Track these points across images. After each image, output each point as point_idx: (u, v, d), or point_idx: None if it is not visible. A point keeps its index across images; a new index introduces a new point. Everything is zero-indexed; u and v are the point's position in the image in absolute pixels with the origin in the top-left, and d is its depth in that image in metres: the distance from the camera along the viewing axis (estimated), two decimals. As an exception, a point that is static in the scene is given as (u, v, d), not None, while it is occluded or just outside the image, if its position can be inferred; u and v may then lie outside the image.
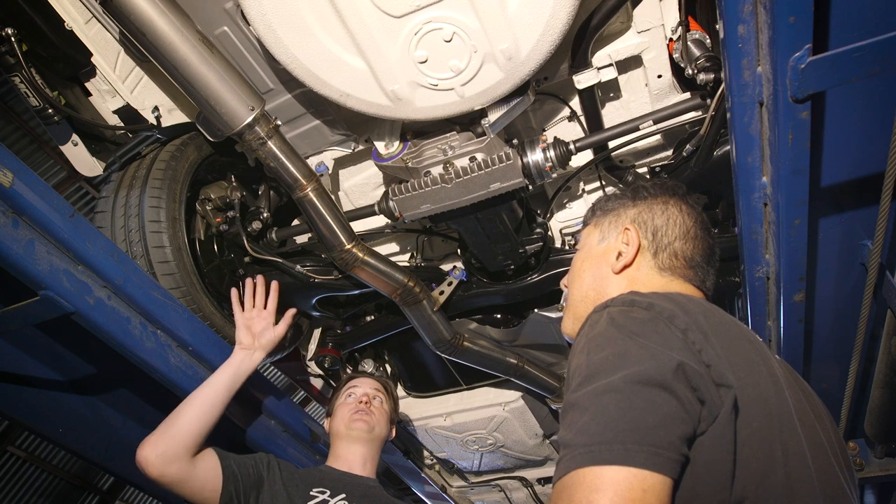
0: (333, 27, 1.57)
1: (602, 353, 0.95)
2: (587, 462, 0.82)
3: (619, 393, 0.87)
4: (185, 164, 2.19)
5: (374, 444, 2.21)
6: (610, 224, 1.36)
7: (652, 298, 1.05)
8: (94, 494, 9.57)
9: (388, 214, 2.12)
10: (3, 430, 8.07)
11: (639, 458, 0.81)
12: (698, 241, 1.29)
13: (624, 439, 0.82)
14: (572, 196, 2.54)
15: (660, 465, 0.81)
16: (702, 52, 1.79)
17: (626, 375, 0.88)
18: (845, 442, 2.49)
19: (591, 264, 1.34)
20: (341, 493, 1.96)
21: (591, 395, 0.89)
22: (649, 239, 1.28)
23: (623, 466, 0.80)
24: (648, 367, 0.89)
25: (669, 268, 1.26)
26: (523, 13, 1.50)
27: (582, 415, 0.88)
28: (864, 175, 1.62)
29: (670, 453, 0.83)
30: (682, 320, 0.98)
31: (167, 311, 1.88)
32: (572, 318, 1.34)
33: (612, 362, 0.92)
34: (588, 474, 0.81)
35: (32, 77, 1.84)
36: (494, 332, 2.77)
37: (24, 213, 1.50)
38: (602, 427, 0.85)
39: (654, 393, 0.86)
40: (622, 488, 0.79)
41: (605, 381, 0.89)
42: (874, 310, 1.85)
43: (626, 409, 0.85)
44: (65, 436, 2.23)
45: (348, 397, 2.29)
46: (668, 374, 0.88)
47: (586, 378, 0.93)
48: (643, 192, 1.36)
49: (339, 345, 2.93)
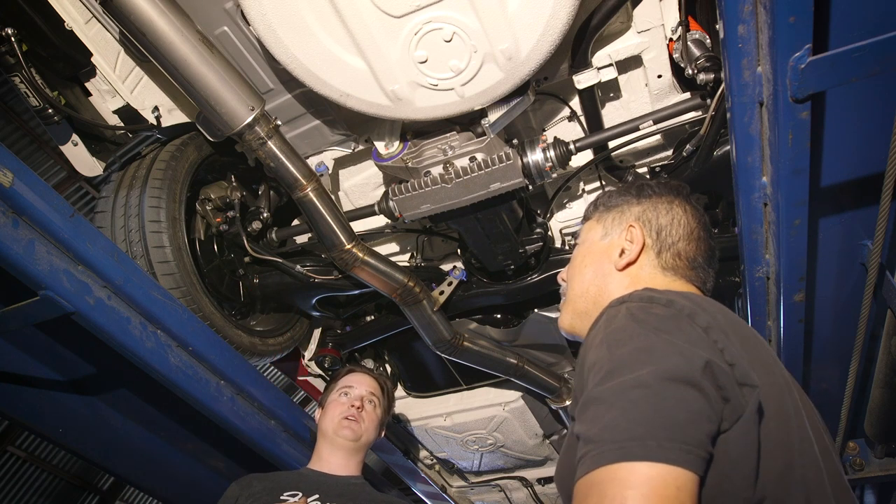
0: (333, 27, 1.57)
1: (625, 348, 0.93)
2: (618, 458, 0.80)
3: (648, 388, 0.85)
4: (185, 164, 2.19)
5: (359, 451, 2.18)
6: (613, 220, 1.34)
7: (670, 296, 1.03)
8: (94, 494, 9.57)
9: (388, 214, 2.12)
10: (3, 430, 8.06)
11: (671, 455, 0.79)
12: (701, 243, 1.29)
13: (656, 436, 0.81)
14: (572, 196, 2.54)
15: (691, 462, 0.80)
16: (702, 52, 1.79)
17: (655, 371, 0.87)
18: (845, 442, 2.50)
19: (592, 259, 1.32)
20: (315, 493, 1.95)
21: (618, 389, 0.87)
22: (653, 238, 1.27)
23: (656, 463, 0.79)
24: (678, 363, 0.88)
25: (672, 267, 1.25)
26: (523, 13, 1.50)
27: (608, 410, 0.86)
28: (864, 175, 1.62)
29: (700, 451, 0.82)
30: (703, 318, 0.97)
31: (167, 311, 1.88)
32: (571, 313, 1.32)
33: (638, 357, 0.90)
34: (620, 470, 0.79)
35: (32, 77, 1.84)
36: (494, 332, 2.77)
37: (24, 213, 1.50)
38: (632, 423, 0.83)
39: (684, 390, 0.85)
40: (657, 485, 0.77)
41: (633, 376, 0.88)
42: (874, 310, 1.85)
43: (656, 405, 0.84)
44: (65, 436, 2.23)
45: (342, 395, 2.24)
46: (698, 372, 0.87)
47: (610, 372, 0.91)
48: (647, 190, 1.35)
49: (339, 345, 2.93)
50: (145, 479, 2.61)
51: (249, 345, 2.33)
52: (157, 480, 2.62)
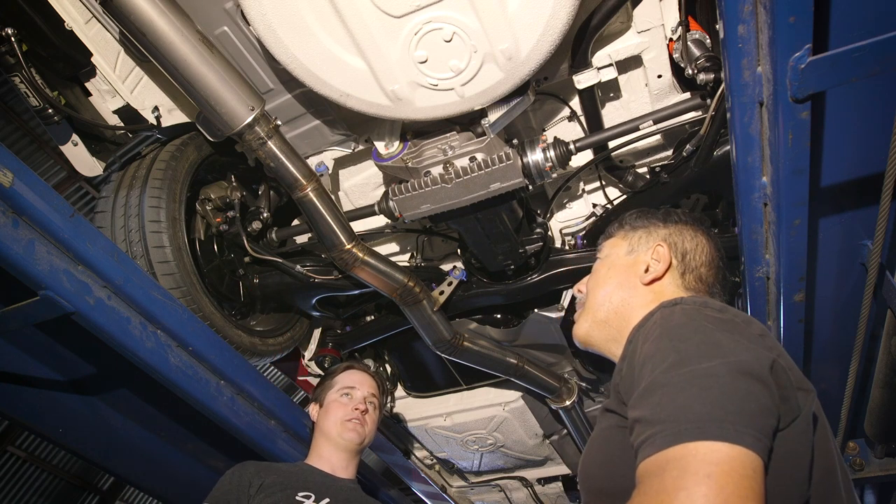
0: (333, 27, 1.57)
1: (692, 342, 0.97)
2: (698, 436, 0.83)
3: (720, 378, 0.89)
4: (185, 164, 2.19)
5: (360, 453, 2.21)
6: (640, 238, 1.41)
7: (722, 304, 1.11)
8: (94, 494, 9.57)
9: (388, 214, 2.12)
10: (3, 430, 8.06)
11: (748, 440, 0.83)
12: (719, 272, 1.37)
13: (734, 420, 0.84)
14: (572, 196, 2.54)
15: (762, 449, 0.84)
16: (702, 52, 1.79)
17: (726, 363, 0.91)
18: (845, 442, 2.50)
19: (617, 273, 1.37)
20: (325, 496, 1.96)
21: (688, 376, 0.91)
22: (678, 259, 1.35)
23: (735, 445, 0.82)
24: (747, 358, 0.92)
25: (694, 289, 1.32)
26: (523, 13, 1.50)
27: (679, 394, 0.89)
28: (864, 175, 1.62)
29: (768, 441, 0.86)
30: (757, 326, 1.04)
31: (167, 311, 1.88)
32: (590, 321, 1.36)
33: (707, 350, 0.94)
34: (701, 447, 0.82)
35: (32, 77, 1.84)
36: (494, 332, 2.77)
37: (24, 213, 1.50)
38: (709, 407, 0.86)
39: (753, 384, 0.89)
40: (737, 464, 0.80)
41: (704, 366, 0.91)
42: (874, 310, 1.86)
43: (729, 393, 0.87)
44: (65, 436, 2.23)
45: (344, 396, 2.22)
46: (766, 369, 0.92)
47: (677, 362, 0.94)
48: (674, 216, 1.44)
49: (339, 345, 2.93)
50: (145, 479, 2.61)
51: (249, 345, 2.33)
52: (157, 480, 2.63)
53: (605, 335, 1.32)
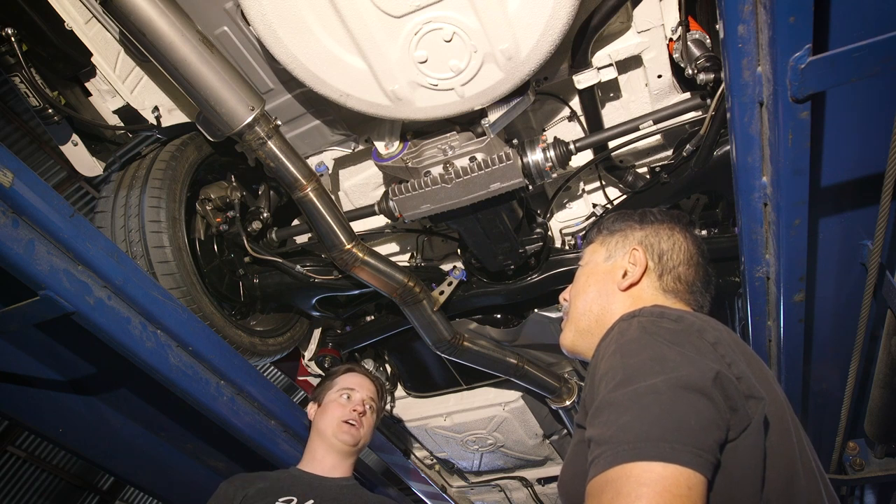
0: (333, 27, 1.57)
1: (638, 357, 0.97)
2: (633, 457, 0.84)
3: (661, 395, 0.90)
4: (185, 164, 2.19)
5: (355, 454, 2.19)
6: (617, 243, 1.40)
7: (680, 312, 1.09)
8: (94, 494, 9.57)
9: (388, 214, 2.12)
10: (3, 430, 8.07)
11: (683, 458, 0.83)
12: (699, 269, 1.35)
13: (669, 438, 0.85)
14: (572, 196, 2.54)
15: (701, 465, 0.84)
16: (702, 52, 1.79)
17: (668, 379, 0.91)
18: (845, 442, 2.50)
19: (596, 280, 1.37)
20: (310, 497, 1.94)
21: (632, 395, 0.92)
22: (655, 261, 1.33)
23: (670, 463, 0.83)
24: (689, 372, 0.92)
25: (673, 290, 1.31)
26: (523, 13, 1.50)
27: (622, 414, 0.90)
28: (864, 175, 1.62)
29: (709, 456, 0.86)
30: (711, 334, 1.03)
31: (167, 311, 1.88)
32: (573, 331, 1.36)
33: (651, 366, 0.95)
34: (635, 469, 0.83)
35: (32, 77, 1.84)
36: (494, 332, 2.77)
37: (24, 213, 1.50)
38: (647, 426, 0.87)
39: (695, 398, 0.89)
40: (670, 484, 0.81)
41: (647, 384, 0.92)
42: (874, 310, 1.85)
43: (669, 410, 0.88)
44: (65, 436, 2.23)
45: (343, 397, 2.21)
46: (708, 382, 0.91)
47: (623, 380, 0.95)
48: (650, 216, 1.42)
49: (339, 345, 2.93)
50: (145, 479, 2.62)
51: (249, 345, 2.33)
52: (157, 480, 2.63)
53: (590, 343, 1.30)
